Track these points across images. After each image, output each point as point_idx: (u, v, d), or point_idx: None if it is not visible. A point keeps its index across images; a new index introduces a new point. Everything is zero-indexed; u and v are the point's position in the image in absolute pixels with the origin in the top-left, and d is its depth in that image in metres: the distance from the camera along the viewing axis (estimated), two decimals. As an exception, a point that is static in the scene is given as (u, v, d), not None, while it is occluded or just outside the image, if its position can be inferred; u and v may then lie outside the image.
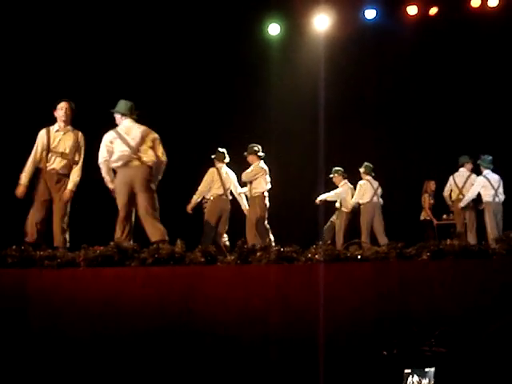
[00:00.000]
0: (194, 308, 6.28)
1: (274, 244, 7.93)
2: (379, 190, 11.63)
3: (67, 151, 7.80)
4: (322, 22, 12.38)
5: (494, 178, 10.82)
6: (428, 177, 12.17)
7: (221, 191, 10.24)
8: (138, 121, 7.88)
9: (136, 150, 7.58)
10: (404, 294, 6.18)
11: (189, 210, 10.30)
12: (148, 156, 7.64)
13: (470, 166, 11.30)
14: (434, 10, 12.49)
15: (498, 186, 10.77)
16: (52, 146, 7.76)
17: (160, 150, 7.76)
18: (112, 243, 6.66)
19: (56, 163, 7.74)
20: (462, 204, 11.03)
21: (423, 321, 6.05)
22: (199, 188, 10.28)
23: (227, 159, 10.47)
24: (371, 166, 11.66)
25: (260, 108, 12.53)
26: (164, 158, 7.79)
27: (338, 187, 11.91)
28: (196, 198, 10.29)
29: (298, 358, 6.09)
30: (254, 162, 10.42)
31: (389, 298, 6.19)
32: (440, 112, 12.49)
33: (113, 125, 7.86)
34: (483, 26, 12.20)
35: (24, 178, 7.70)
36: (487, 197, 10.74)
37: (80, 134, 7.98)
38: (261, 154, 10.45)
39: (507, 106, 12.12)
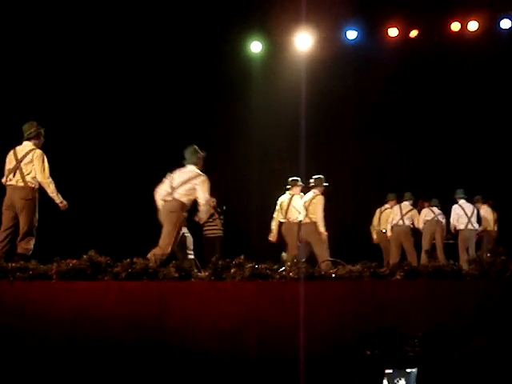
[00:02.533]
0: (167, 323, 6.24)
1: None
2: None
3: None
4: (303, 41, 12.48)
5: (469, 207, 11.10)
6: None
7: None
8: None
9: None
10: (377, 313, 6.19)
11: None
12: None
13: (393, 202, 11.51)
14: (414, 33, 12.64)
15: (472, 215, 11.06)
16: None
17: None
18: (85, 256, 6.61)
19: None
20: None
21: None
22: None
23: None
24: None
25: (241, 125, 12.56)
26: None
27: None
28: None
29: (271, 375, 6.08)
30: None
31: (362, 317, 6.20)
32: (418, 132, 12.61)
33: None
34: (463, 50, 12.37)
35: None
36: (461, 225, 11.03)
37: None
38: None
39: (486, 128, 12.27)
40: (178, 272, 6.55)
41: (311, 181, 10.23)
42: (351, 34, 12.69)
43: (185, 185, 7.48)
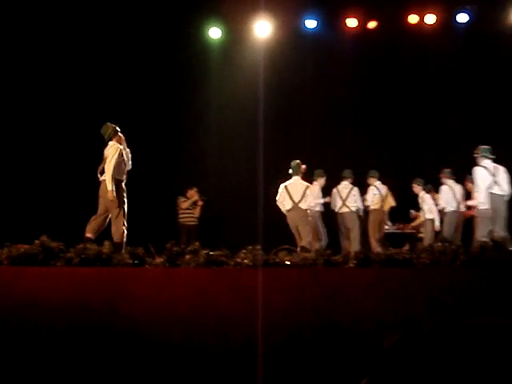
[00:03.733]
0: (120, 310, 6.19)
1: None
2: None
3: None
4: (262, 29, 12.44)
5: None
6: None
7: None
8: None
9: None
10: (330, 300, 6.25)
11: None
12: None
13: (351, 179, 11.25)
14: (372, 24, 12.72)
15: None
16: None
17: None
18: (37, 242, 6.50)
19: None
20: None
21: (347, 326, 6.15)
22: None
23: None
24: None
25: (199, 111, 12.48)
26: None
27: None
28: None
29: (227, 361, 6.09)
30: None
31: (315, 304, 6.25)
32: (376, 122, 12.72)
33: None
34: (421, 42, 12.50)
35: None
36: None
37: None
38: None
39: (442, 117, 12.44)
40: (132, 258, 6.50)
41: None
42: (310, 23, 12.69)
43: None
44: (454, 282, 6.34)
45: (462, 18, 12.43)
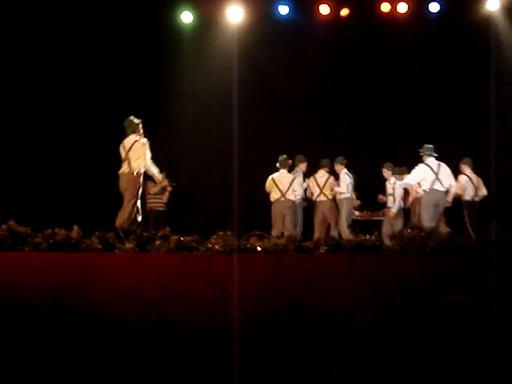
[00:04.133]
0: (89, 295, 6.13)
1: None
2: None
3: None
4: (235, 14, 12.36)
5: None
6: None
7: None
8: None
9: None
10: (301, 286, 6.28)
11: None
12: None
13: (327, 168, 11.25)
14: (345, 12, 12.71)
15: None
16: None
17: None
18: (4, 226, 6.39)
19: None
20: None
21: (319, 311, 6.19)
22: None
23: None
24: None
25: (171, 96, 12.36)
26: None
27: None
28: None
29: (194, 346, 6.08)
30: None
31: (286, 289, 6.27)
32: (347, 108, 12.75)
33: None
34: (393, 31, 12.53)
35: None
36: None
37: None
38: None
39: (413, 105, 12.52)
40: (102, 243, 6.43)
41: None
42: (283, 9, 12.64)
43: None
44: (422, 268, 6.41)
45: (434, 7, 12.48)
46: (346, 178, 11.09)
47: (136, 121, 8.31)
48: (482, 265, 6.24)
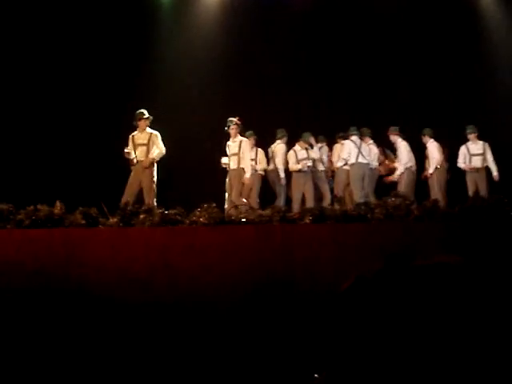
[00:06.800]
0: (74, 271, 6.10)
1: None
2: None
3: None
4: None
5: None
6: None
7: None
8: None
9: None
10: (286, 256, 6.28)
11: None
12: None
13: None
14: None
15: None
16: None
17: None
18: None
19: None
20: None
21: (304, 281, 6.21)
22: None
23: None
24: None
25: (151, 72, 12.22)
26: None
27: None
28: None
29: (179, 319, 6.08)
30: None
31: (271, 260, 6.28)
32: (324, 81, 12.65)
33: None
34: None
35: None
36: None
37: None
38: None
39: (390, 77, 12.45)
40: (85, 219, 6.38)
41: None
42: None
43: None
44: (406, 236, 6.44)
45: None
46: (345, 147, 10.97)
47: (141, 111, 9.24)
48: (466, 231, 6.28)
